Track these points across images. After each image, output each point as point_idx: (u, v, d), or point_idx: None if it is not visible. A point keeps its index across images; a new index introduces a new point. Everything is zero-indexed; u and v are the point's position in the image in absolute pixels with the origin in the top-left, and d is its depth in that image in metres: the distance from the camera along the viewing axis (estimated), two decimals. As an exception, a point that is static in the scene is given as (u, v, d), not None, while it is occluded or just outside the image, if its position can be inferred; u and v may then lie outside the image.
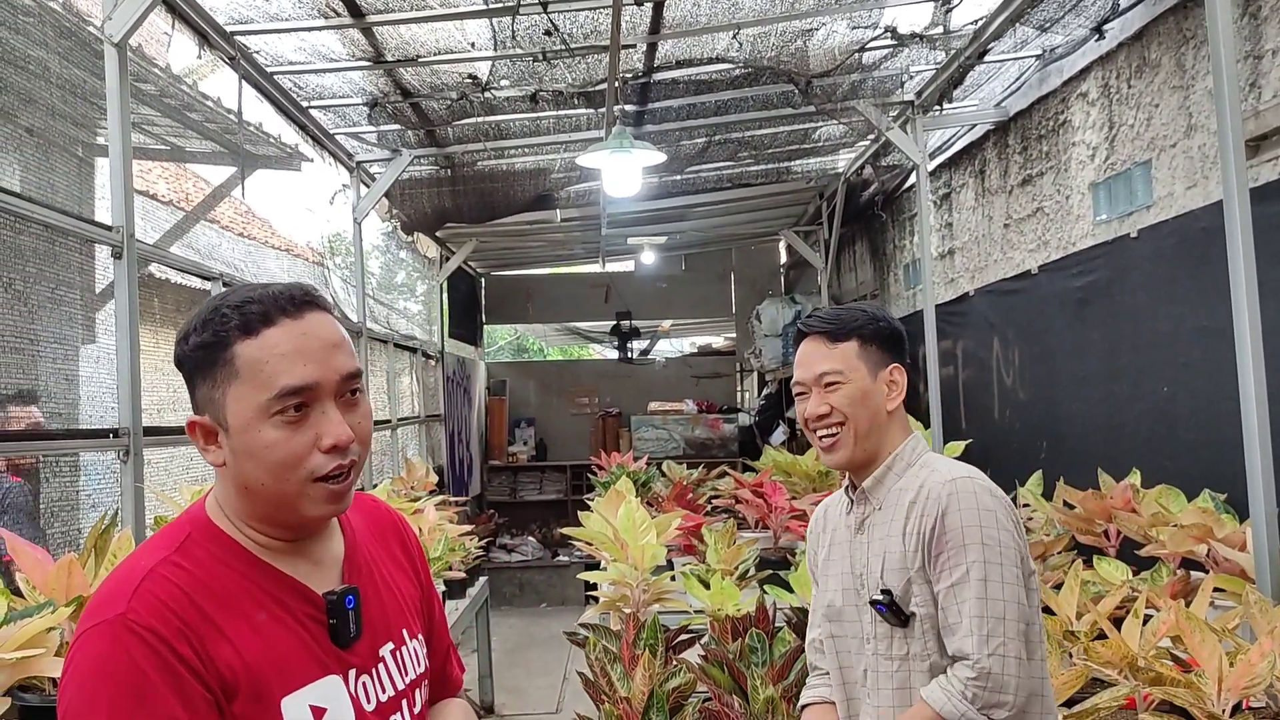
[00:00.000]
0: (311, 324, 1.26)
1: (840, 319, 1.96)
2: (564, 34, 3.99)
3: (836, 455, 1.93)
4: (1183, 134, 4.02)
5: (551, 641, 7.86)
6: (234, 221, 7.97)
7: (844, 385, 1.92)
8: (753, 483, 5.11)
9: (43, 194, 2.98)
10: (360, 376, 1.31)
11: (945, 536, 1.79)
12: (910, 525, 1.84)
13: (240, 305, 1.25)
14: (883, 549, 1.88)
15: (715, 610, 3.11)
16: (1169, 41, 4.09)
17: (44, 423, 2.81)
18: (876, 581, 1.87)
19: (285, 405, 1.23)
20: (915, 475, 1.91)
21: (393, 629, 1.40)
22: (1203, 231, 3.77)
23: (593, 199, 7.10)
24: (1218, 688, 2.02)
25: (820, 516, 2.13)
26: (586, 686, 2.37)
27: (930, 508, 1.81)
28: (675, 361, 12.31)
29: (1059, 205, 5.05)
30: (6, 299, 2.55)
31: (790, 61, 4.63)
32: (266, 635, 1.24)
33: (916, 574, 1.82)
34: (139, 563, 1.24)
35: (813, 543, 2.13)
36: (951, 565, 1.78)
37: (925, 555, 1.81)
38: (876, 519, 1.92)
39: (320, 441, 1.24)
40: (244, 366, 1.23)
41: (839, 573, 1.98)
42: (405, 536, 1.56)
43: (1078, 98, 4.83)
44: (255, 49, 4.07)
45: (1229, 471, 3.50)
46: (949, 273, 6.59)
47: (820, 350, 1.94)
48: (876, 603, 1.83)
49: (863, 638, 1.91)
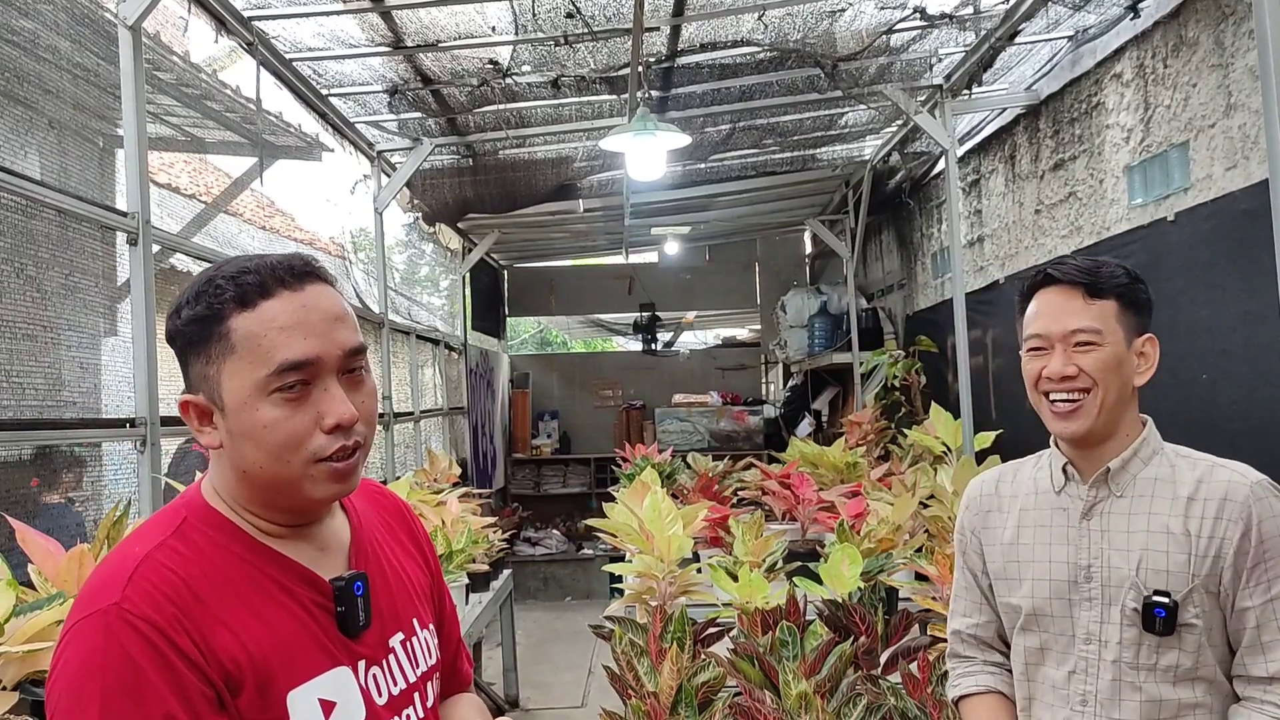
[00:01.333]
0: (312, 296, 1.19)
1: (1101, 272, 1.76)
2: (586, 17, 3.92)
3: (1074, 424, 1.72)
4: (1222, 114, 3.90)
5: (576, 636, 7.81)
6: (255, 215, 7.96)
7: (1100, 348, 1.72)
8: (780, 474, 5.03)
9: (61, 183, 2.94)
10: (364, 352, 1.23)
11: (1262, 547, 1.62)
12: (1196, 527, 1.66)
13: (236, 276, 1.17)
14: (1137, 545, 1.68)
15: (743, 603, 3.04)
16: (1207, 19, 3.97)
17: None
18: (1127, 580, 1.68)
19: (285, 382, 1.15)
20: (1170, 464, 1.74)
21: (402, 618, 1.33)
22: (1244, 213, 3.67)
23: (615, 189, 7.03)
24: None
25: (989, 494, 1.90)
26: (613, 680, 2.30)
27: (1234, 512, 1.64)
28: (699, 353, 12.23)
29: (1092, 190, 4.94)
30: (20, 285, 2.51)
31: (817, 44, 4.54)
32: (272, 624, 1.16)
33: (1203, 582, 1.64)
34: (132, 549, 1.16)
35: (976, 523, 1.90)
36: (1269, 579, 1.62)
37: (1221, 563, 1.64)
38: (1115, 507, 1.73)
39: (323, 421, 1.17)
40: (240, 341, 1.15)
41: (1045, 560, 1.77)
42: (411, 522, 1.48)
43: (1112, 79, 4.72)
44: (273, 34, 4.02)
45: (1272, 460, 3.40)
46: (978, 260, 6.48)
47: (1075, 303, 1.73)
48: (1155, 607, 1.63)
49: (1076, 636, 1.72)
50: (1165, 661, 1.64)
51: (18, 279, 2.49)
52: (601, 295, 11.88)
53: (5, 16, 2.88)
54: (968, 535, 1.91)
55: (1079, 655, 1.71)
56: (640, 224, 8.39)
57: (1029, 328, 1.80)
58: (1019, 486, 1.86)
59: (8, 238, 2.54)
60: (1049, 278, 1.79)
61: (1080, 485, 1.77)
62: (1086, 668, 1.70)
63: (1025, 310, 1.84)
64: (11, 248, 2.56)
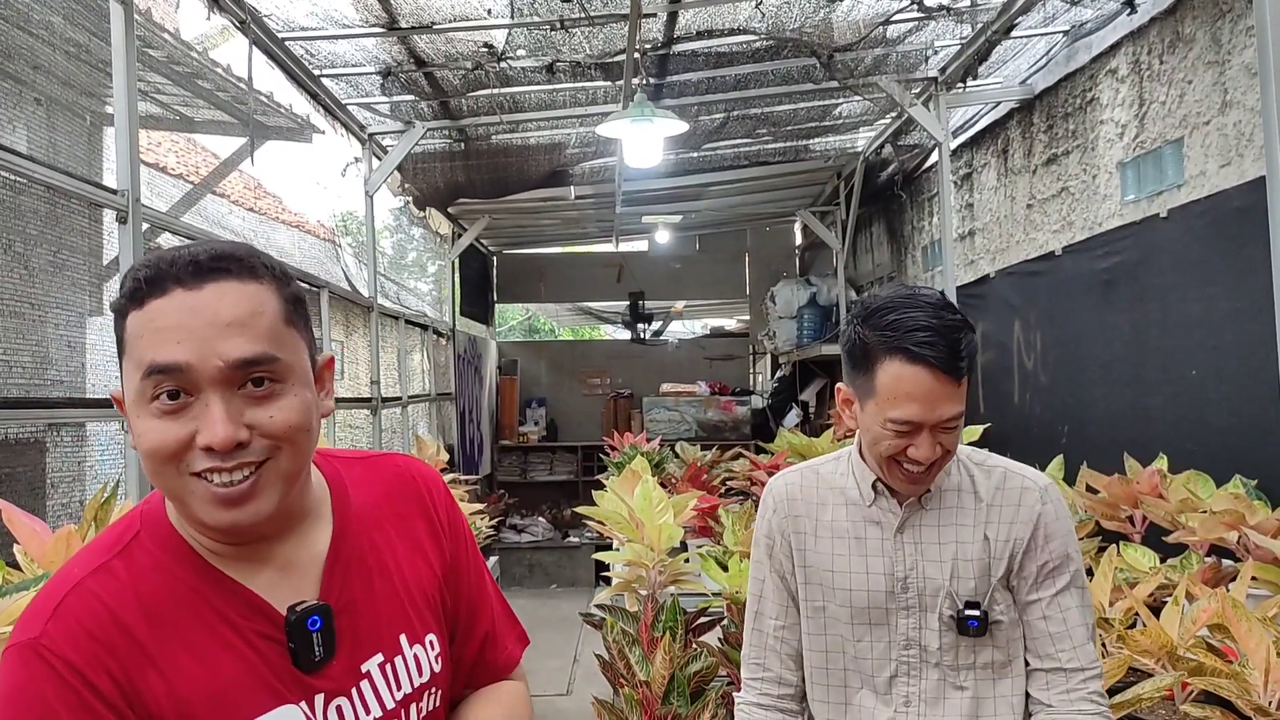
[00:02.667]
0: (208, 297, 1.05)
1: (961, 350, 1.66)
2: (582, 1, 3.89)
3: (923, 486, 1.75)
4: (1217, 111, 3.91)
5: (562, 623, 7.81)
6: (243, 196, 7.91)
7: (958, 426, 1.70)
8: (768, 464, 5.03)
9: (48, 157, 2.91)
10: (271, 362, 1.07)
11: (1050, 545, 1.72)
12: (994, 532, 1.73)
13: (139, 269, 1.07)
14: (948, 556, 1.74)
15: (733, 593, 3.04)
16: (1204, 15, 3.97)
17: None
18: (941, 589, 1.73)
19: (157, 390, 1.03)
20: (967, 474, 1.79)
21: (385, 638, 1.20)
22: (1237, 211, 3.67)
23: (607, 176, 7.01)
24: (1265, 679, 1.94)
25: (794, 497, 1.87)
26: (604, 669, 2.29)
27: (1024, 515, 1.73)
28: (688, 343, 12.22)
29: (1085, 185, 4.94)
30: (7, 262, 2.48)
31: (813, 33, 4.52)
32: (208, 662, 1.07)
33: (1000, 581, 1.73)
34: (70, 572, 1.08)
35: (786, 524, 1.86)
36: (1055, 574, 1.72)
37: (1011, 564, 1.73)
38: (925, 519, 1.77)
39: (197, 438, 1.04)
40: (128, 340, 1.05)
41: (862, 571, 1.79)
42: (431, 503, 1.32)
43: (1106, 74, 4.72)
44: (266, 13, 3.98)
45: (1259, 457, 3.41)
46: (969, 254, 6.49)
47: (945, 389, 1.65)
48: (968, 619, 1.70)
49: (893, 642, 1.76)
50: (983, 659, 1.73)
51: (4, 255, 2.46)
52: (591, 283, 11.86)
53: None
54: (776, 537, 1.88)
55: (899, 660, 1.76)
56: (631, 212, 8.38)
57: (895, 409, 1.67)
58: (824, 493, 1.85)
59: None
60: (909, 353, 1.64)
61: (890, 500, 1.79)
62: (909, 670, 1.76)
63: (873, 370, 1.69)
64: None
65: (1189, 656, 2.13)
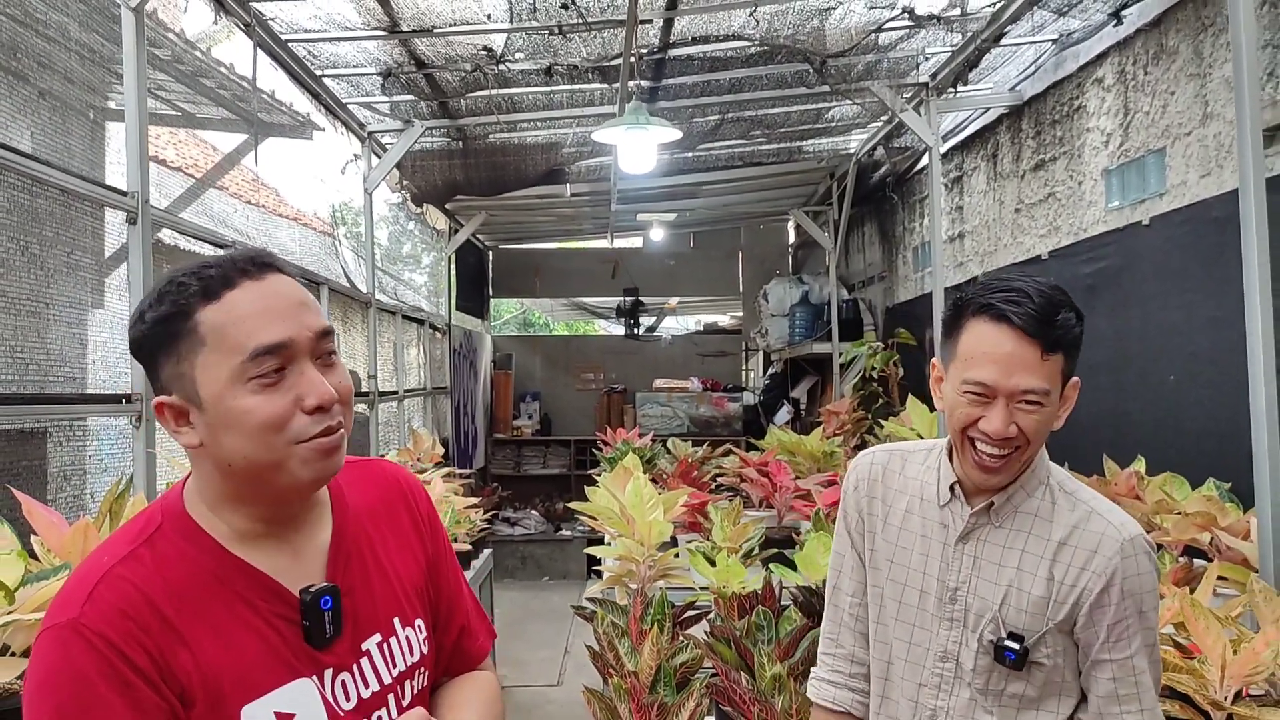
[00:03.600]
0: (274, 284, 1.20)
1: (1060, 323, 1.57)
2: (580, 7, 3.97)
3: (997, 479, 1.66)
4: (1198, 122, 4.01)
5: (553, 615, 7.91)
6: (242, 189, 7.97)
7: (1044, 408, 1.59)
8: (758, 461, 5.12)
9: (57, 158, 2.98)
10: (333, 335, 1.25)
11: (1123, 604, 1.61)
12: (1061, 573, 1.64)
13: (197, 272, 1.18)
14: (1005, 580, 1.67)
15: (720, 587, 3.13)
16: (1187, 29, 4.07)
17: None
18: (989, 611, 1.67)
19: (261, 368, 1.16)
20: (1051, 501, 1.70)
21: (381, 620, 1.33)
22: (1215, 221, 3.77)
23: (603, 174, 7.09)
24: (1220, 675, 2.04)
25: (876, 479, 1.83)
26: (594, 659, 2.39)
27: (1100, 566, 1.62)
28: (681, 339, 12.32)
29: (1071, 191, 5.04)
30: (23, 262, 2.56)
31: (807, 40, 4.61)
32: (230, 639, 1.17)
33: (1057, 625, 1.64)
34: (100, 560, 1.18)
35: (862, 505, 1.84)
36: (1128, 636, 1.62)
37: (1077, 610, 1.63)
38: (991, 536, 1.70)
39: (303, 402, 1.18)
40: (209, 333, 1.15)
41: (918, 570, 1.75)
42: (413, 505, 1.46)
43: (1093, 83, 4.82)
44: (270, 16, 4.06)
45: (1233, 461, 3.51)
46: (958, 256, 6.59)
47: (1030, 358, 1.57)
48: (1005, 649, 1.64)
49: (931, 651, 1.73)
50: (1012, 689, 1.67)
51: (22, 257, 2.54)
52: (586, 279, 11.94)
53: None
54: (853, 514, 1.85)
55: (933, 670, 1.72)
56: (626, 209, 8.46)
57: (971, 370, 1.61)
58: (906, 482, 1.80)
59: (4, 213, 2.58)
60: (1003, 316, 1.58)
61: (963, 505, 1.72)
62: (940, 684, 1.71)
63: (959, 332, 1.65)
64: (7, 224, 2.61)
65: (1153, 653, 2.23)
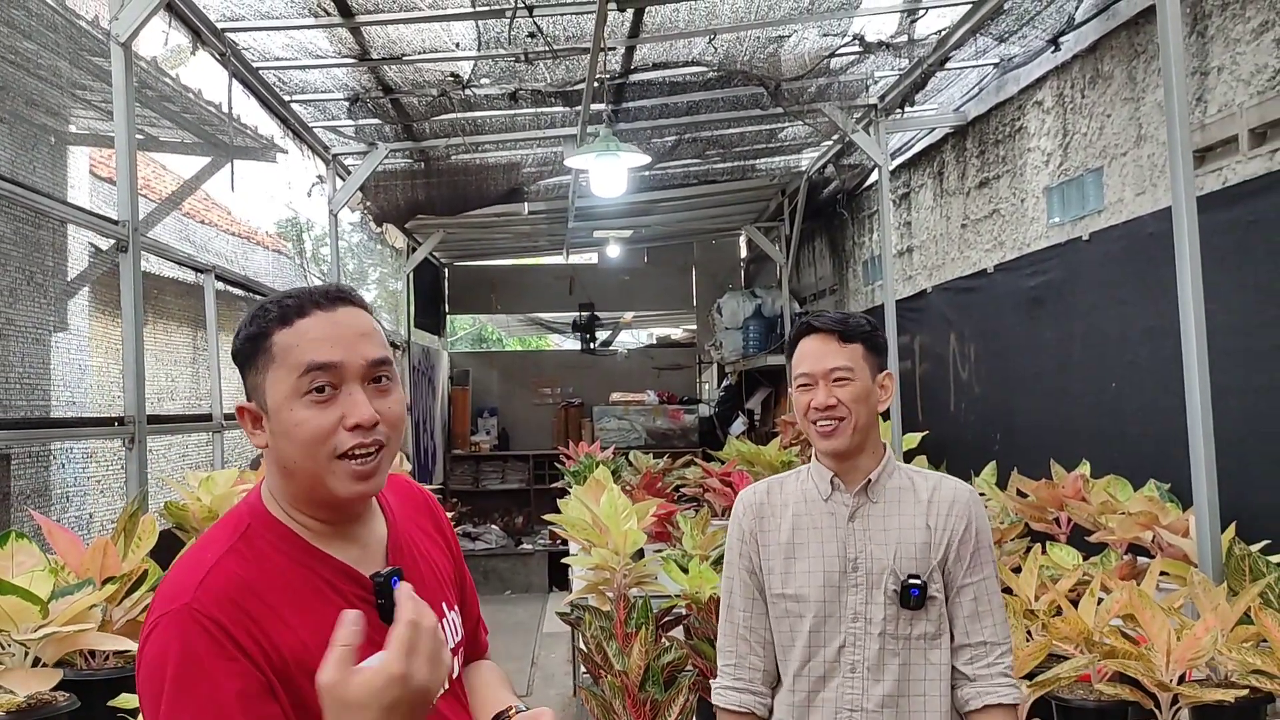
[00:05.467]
0: (343, 314, 1.39)
1: (849, 323, 2.13)
2: (547, 36, 4.11)
3: (834, 442, 2.09)
4: (1133, 143, 4.24)
5: (518, 629, 7.99)
6: (194, 209, 7.99)
7: (852, 383, 2.08)
8: (720, 472, 5.28)
9: (35, 183, 3.05)
10: (389, 365, 1.41)
11: (978, 539, 2.08)
12: (934, 520, 2.08)
13: (280, 300, 1.39)
14: (893, 540, 2.08)
15: (693, 593, 3.28)
16: (1121, 55, 4.31)
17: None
18: (886, 568, 2.06)
19: (313, 383, 1.33)
20: (908, 477, 2.15)
21: (432, 603, 1.45)
22: (1150, 236, 4.00)
23: (561, 193, 7.23)
24: (1166, 660, 2.23)
25: (761, 501, 2.22)
26: (585, 660, 2.52)
27: (960, 511, 2.08)
28: (637, 353, 12.47)
29: (1014, 208, 5.28)
30: (30, 291, 2.63)
31: (762, 66, 4.79)
32: (323, 620, 1.31)
33: (938, 564, 2.06)
34: (204, 554, 1.34)
35: (752, 526, 2.20)
36: (980, 563, 2.07)
37: (948, 551, 2.06)
38: (873, 511, 2.11)
39: (345, 420, 1.34)
40: (279, 352, 1.35)
41: (819, 555, 2.11)
42: (435, 512, 1.67)
43: (1033, 105, 5.05)
44: (244, 45, 4.15)
45: (1172, 462, 3.72)
46: (907, 270, 6.81)
47: (831, 347, 2.10)
48: (911, 588, 2.02)
49: (844, 617, 2.07)
50: (918, 630, 2.04)
51: (28, 285, 2.61)
52: (542, 294, 12.05)
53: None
54: (746, 538, 2.21)
55: (847, 631, 2.07)
56: (583, 226, 8.60)
57: (798, 367, 2.13)
58: (787, 496, 2.19)
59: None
60: (811, 327, 2.14)
61: (845, 494, 2.12)
62: (855, 641, 2.06)
63: (794, 353, 2.16)
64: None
65: (1104, 642, 2.42)
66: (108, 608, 2.06)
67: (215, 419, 4.11)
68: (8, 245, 2.83)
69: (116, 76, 3.00)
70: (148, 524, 2.21)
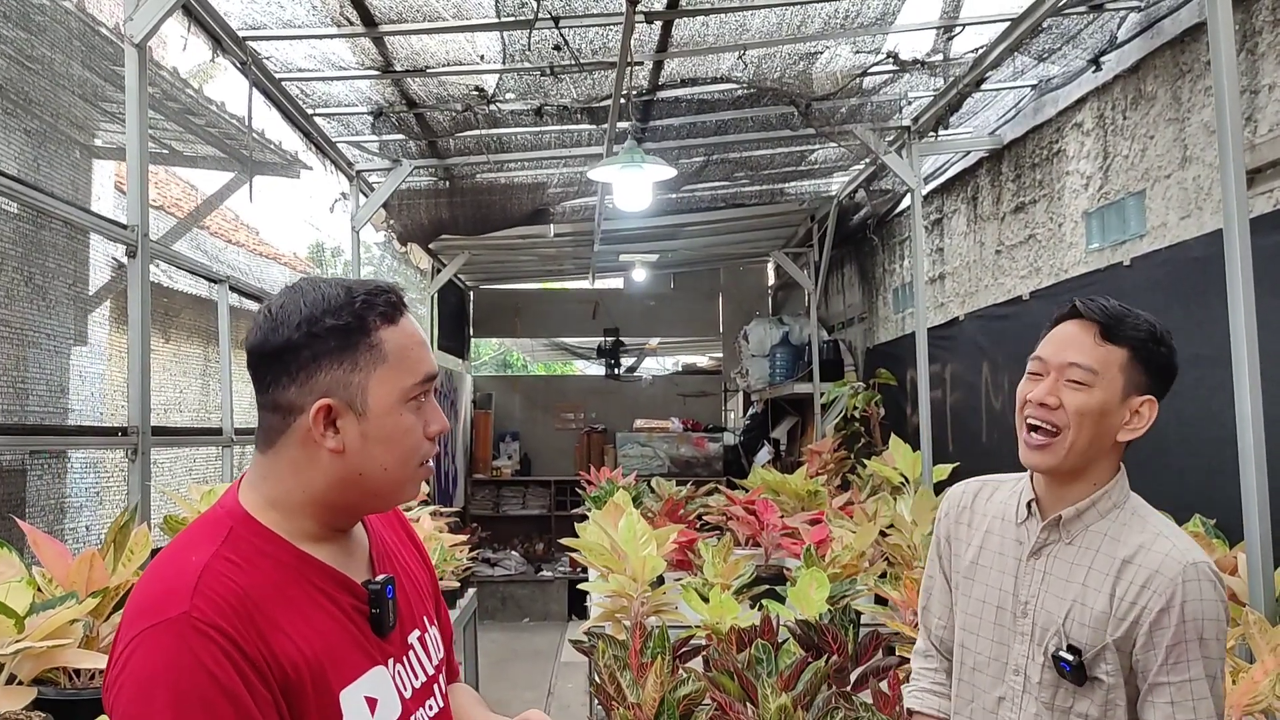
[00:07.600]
0: (413, 323, 1.36)
1: (1123, 318, 1.73)
2: (574, 49, 4.03)
3: (1038, 458, 1.74)
4: (1177, 165, 4.10)
5: (536, 657, 7.86)
6: (221, 228, 7.97)
7: (1088, 389, 1.70)
8: (744, 500, 5.14)
9: (68, 193, 2.99)
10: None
11: (1183, 627, 1.64)
12: (1123, 590, 1.69)
13: (373, 295, 1.29)
14: (1070, 595, 1.73)
15: (714, 623, 3.14)
16: (1165, 75, 4.17)
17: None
18: (1054, 625, 1.73)
19: (422, 391, 1.30)
20: (1123, 523, 1.75)
21: (416, 616, 1.43)
22: (1195, 261, 3.85)
23: (587, 215, 7.15)
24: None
25: (965, 506, 1.93)
26: (596, 692, 2.39)
27: (1161, 585, 1.65)
28: (662, 379, 12.35)
29: (1051, 233, 5.13)
30: (28, 293, 2.56)
31: (793, 83, 4.69)
32: (319, 628, 1.24)
33: (1116, 643, 1.69)
34: (189, 558, 1.19)
35: (950, 530, 1.94)
36: (1186, 661, 1.64)
37: (1134, 632, 1.67)
38: (1061, 553, 1.76)
39: (428, 428, 1.32)
40: (393, 351, 1.27)
41: (995, 586, 1.82)
42: (405, 522, 1.60)
43: (1073, 128, 4.92)
44: (266, 55, 4.09)
45: (1218, 497, 3.55)
46: (939, 297, 6.67)
47: (1085, 340, 1.72)
48: (1061, 660, 1.70)
49: (1008, 665, 1.79)
50: (1079, 709, 1.71)
51: (28, 288, 2.54)
52: (566, 319, 11.98)
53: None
54: (942, 540, 1.96)
55: (1009, 683, 1.78)
56: (609, 249, 8.52)
57: (1038, 350, 1.80)
58: (991, 507, 1.90)
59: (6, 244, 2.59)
60: (1074, 310, 1.78)
61: (1037, 522, 1.79)
62: (1014, 697, 1.77)
63: (1046, 335, 1.85)
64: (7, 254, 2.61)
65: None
66: (93, 623, 1.94)
67: (226, 433, 4.02)
68: (36, 254, 2.77)
69: (130, 78, 2.94)
70: (140, 536, 2.10)
